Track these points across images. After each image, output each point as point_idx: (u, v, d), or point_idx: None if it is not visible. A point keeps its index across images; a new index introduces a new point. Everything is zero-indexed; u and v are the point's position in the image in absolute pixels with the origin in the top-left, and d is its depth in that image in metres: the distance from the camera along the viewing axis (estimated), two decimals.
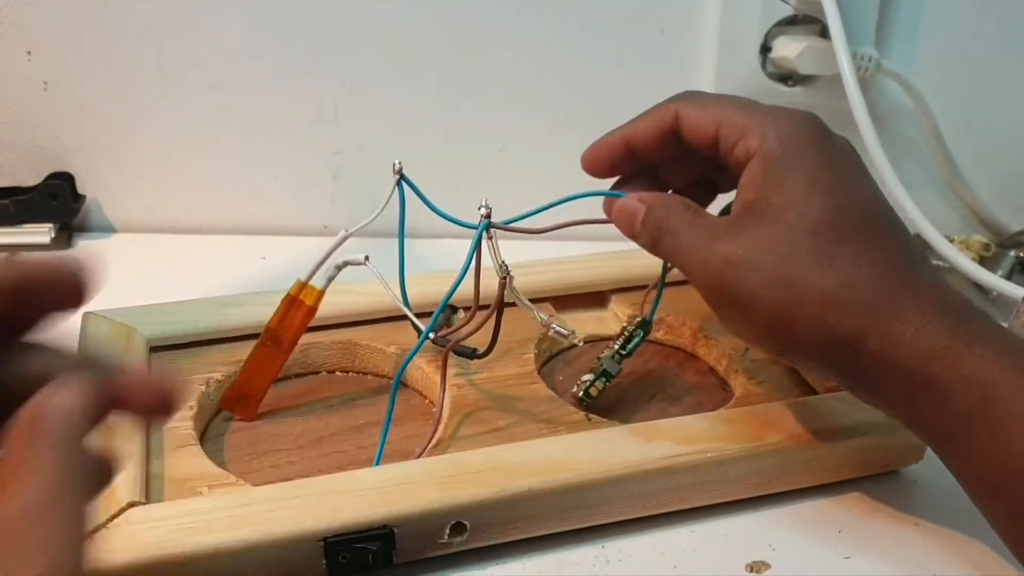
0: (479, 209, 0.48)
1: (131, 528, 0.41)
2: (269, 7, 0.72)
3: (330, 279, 0.51)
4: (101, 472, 0.32)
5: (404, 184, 0.51)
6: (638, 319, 0.55)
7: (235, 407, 0.53)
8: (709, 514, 0.48)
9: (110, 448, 0.33)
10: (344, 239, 0.51)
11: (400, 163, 0.51)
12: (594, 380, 0.54)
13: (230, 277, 0.70)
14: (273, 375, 0.53)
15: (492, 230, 0.48)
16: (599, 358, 0.54)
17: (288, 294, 0.52)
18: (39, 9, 0.71)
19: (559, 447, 0.47)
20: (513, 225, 0.49)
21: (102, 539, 0.41)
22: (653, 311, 0.54)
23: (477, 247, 0.48)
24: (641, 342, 0.54)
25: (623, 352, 0.54)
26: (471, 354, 0.51)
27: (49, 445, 0.30)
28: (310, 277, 0.52)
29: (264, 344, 0.52)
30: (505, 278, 0.48)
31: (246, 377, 0.52)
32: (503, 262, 0.48)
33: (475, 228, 0.48)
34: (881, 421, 0.50)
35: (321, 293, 0.52)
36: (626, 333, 0.54)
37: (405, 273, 0.54)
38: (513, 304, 0.49)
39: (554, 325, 0.49)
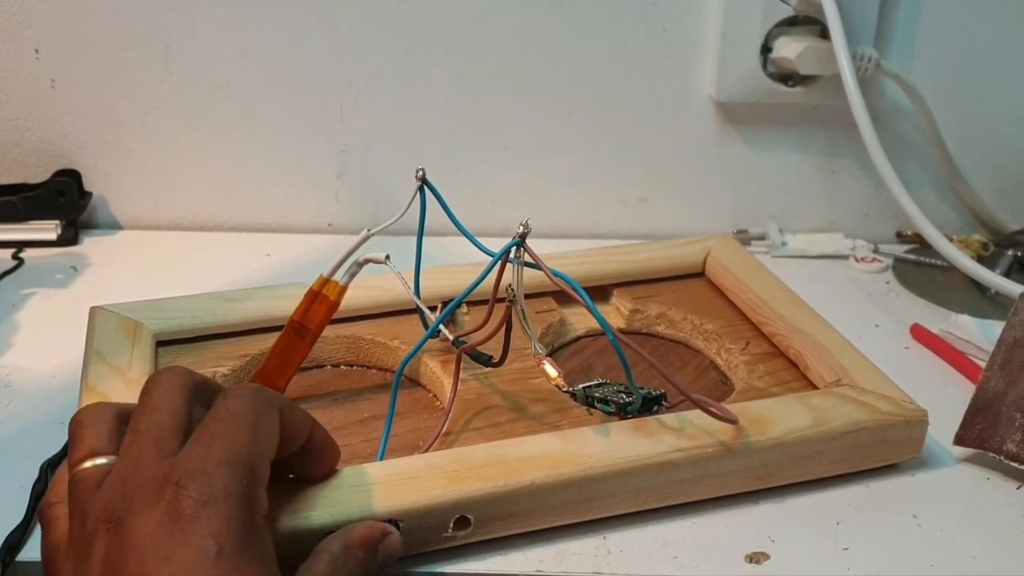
0: (520, 227, 0.48)
1: None
2: (276, 6, 0.72)
3: (352, 275, 0.52)
4: None
5: (426, 189, 0.52)
6: (656, 392, 0.51)
7: None
8: (710, 506, 0.49)
9: None
10: (367, 238, 0.52)
11: (423, 169, 0.51)
12: (601, 404, 0.51)
13: (235, 274, 0.71)
14: (296, 365, 0.53)
15: (520, 250, 0.48)
16: (622, 393, 0.51)
17: (311, 289, 0.53)
18: (47, 7, 0.72)
19: (561, 442, 0.48)
20: (539, 255, 0.48)
21: None
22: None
23: (501, 259, 0.49)
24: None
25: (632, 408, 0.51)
26: (487, 361, 0.52)
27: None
28: (332, 273, 0.52)
29: (288, 335, 0.53)
30: (512, 300, 0.49)
31: (271, 365, 0.53)
32: (509, 285, 0.49)
33: (487, 252, 0.50)
34: (880, 417, 0.51)
35: (344, 288, 0.52)
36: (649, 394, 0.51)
37: (420, 270, 0.55)
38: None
39: (546, 362, 0.50)
